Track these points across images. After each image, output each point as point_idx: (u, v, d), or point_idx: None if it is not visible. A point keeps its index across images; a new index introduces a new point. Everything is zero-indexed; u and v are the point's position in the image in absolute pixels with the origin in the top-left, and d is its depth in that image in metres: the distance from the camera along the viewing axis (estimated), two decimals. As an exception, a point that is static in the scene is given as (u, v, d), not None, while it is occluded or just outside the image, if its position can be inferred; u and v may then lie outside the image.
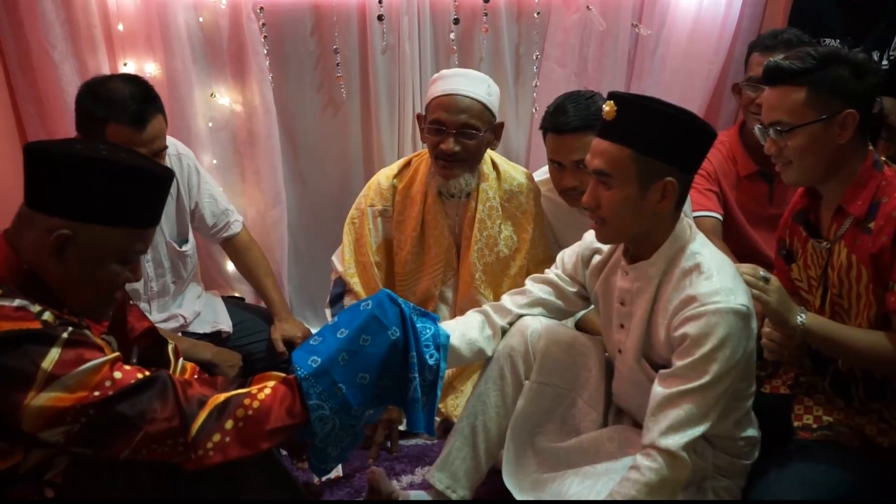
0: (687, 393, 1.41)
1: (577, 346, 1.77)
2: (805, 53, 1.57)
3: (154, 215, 1.35)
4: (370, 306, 1.50)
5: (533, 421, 1.75)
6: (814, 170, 1.62)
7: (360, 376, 1.43)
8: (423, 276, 2.20)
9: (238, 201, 2.61)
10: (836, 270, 1.65)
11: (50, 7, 2.21)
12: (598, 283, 1.70)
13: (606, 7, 2.57)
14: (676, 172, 1.47)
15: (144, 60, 2.38)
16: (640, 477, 1.41)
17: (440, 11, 2.52)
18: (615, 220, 1.52)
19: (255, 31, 2.41)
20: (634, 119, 1.45)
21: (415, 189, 2.14)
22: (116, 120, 1.80)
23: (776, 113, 1.61)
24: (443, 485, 1.74)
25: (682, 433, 1.41)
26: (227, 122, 2.55)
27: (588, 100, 2.02)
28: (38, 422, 1.18)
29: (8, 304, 1.20)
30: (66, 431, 1.20)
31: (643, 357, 1.59)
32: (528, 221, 2.18)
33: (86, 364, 1.21)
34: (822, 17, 2.45)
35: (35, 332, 1.19)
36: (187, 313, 2.25)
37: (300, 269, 2.80)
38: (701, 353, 1.41)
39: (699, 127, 1.49)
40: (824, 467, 1.59)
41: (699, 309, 1.42)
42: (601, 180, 1.50)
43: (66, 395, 1.19)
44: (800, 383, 1.80)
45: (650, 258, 1.54)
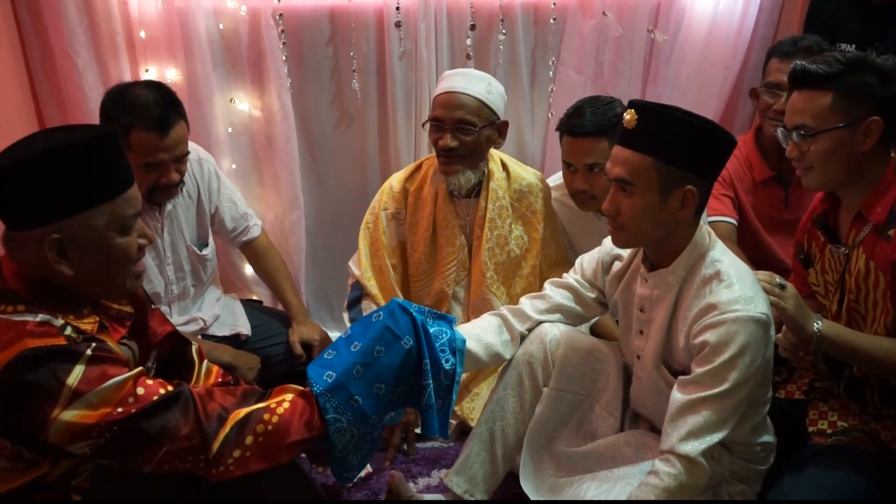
0: (706, 400, 1.43)
1: (596, 354, 1.78)
2: (833, 58, 1.57)
3: (124, 176, 1.31)
4: (382, 317, 1.52)
5: (550, 426, 1.76)
6: (835, 175, 1.62)
7: (376, 387, 1.45)
8: (436, 276, 2.23)
9: (257, 205, 2.64)
10: (854, 276, 1.65)
11: (74, 14, 2.24)
12: (619, 290, 1.72)
13: (622, 13, 2.58)
14: (697, 180, 1.48)
15: (166, 66, 2.41)
16: (658, 482, 1.43)
17: (457, 17, 2.54)
18: (634, 227, 1.53)
19: (274, 37, 2.43)
20: (655, 128, 1.46)
21: (426, 191, 2.17)
22: (140, 126, 1.84)
23: (801, 117, 1.61)
24: (461, 489, 1.76)
25: (700, 439, 1.42)
26: (247, 128, 2.58)
27: (606, 105, 2.04)
28: (64, 436, 1.21)
29: (31, 319, 1.23)
30: (91, 445, 1.23)
31: (662, 363, 1.60)
32: (539, 221, 2.21)
33: (109, 381, 1.23)
34: (838, 22, 2.46)
35: (60, 348, 1.22)
36: (207, 316, 2.28)
37: (317, 271, 2.83)
38: (721, 361, 1.42)
39: (719, 135, 1.49)
40: (839, 473, 1.60)
41: (719, 317, 1.44)
42: (622, 188, 1.51)
43: (91, 412, 1.21)
44: (815, 388, 1.82)
45: (670, 266, 1.55)
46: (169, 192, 1.99)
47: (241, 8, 2.41)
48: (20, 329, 1.21)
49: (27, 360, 1.19)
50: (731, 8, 2.61)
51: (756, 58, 2.70)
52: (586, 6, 2.57)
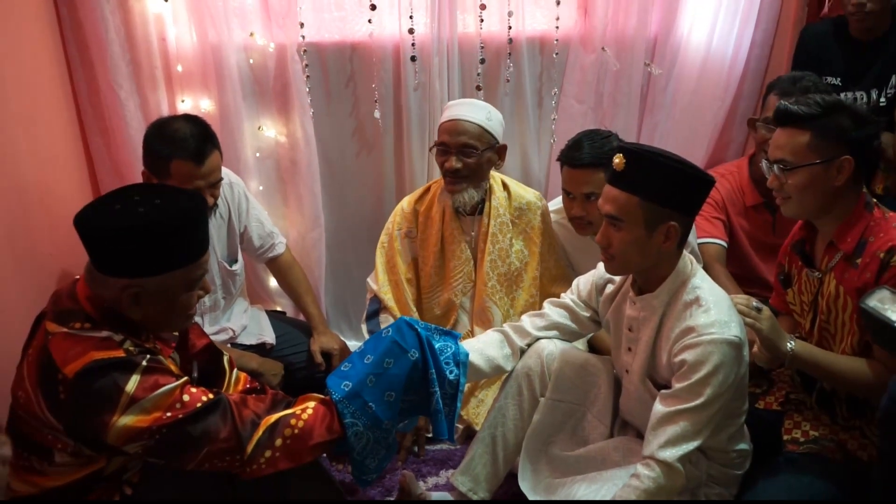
0: (684, 412, 1.55)
1: (589, 367, 1.91)
2: (813, 101, 1.69)
3: (201, 246, 1.46)
4: (391, 333, 1.68)
5: (547, 432, 1.89)
6: (810, 206, 1.74)
7: (387, 395, 1.61)
8: (445, 288, 2.37)
9: (281, 223, 2.75)
10: (826, 299, 1.77)
11: (118, 50, 2.36)
12: (610, 310, 1.84)
13: (622, 47, 2.70)
14: (679, 217, 1.60)
15: (200, 97, 2.53)
16: (639, 484, 1.56)
17: (468, 51, 2.65)
18: (623, 258, 1.66)
19: (299, 70, 2.55)
20: (641, 170, 1.58)
21: (434, 210, 2.34)
22: (179, 157, 1.97)
23: (781, 152, 1.73)
24: (465, 487, 1.90)
25: (678, 447, 1.55)
26: (272, 152, 2.69)
27: (604, 139, 2.16)
28: (121, 438, 1.36)
29: (96, 335, 1.38)
30: (143, 445, 1.38)
31: (648, 377, 1.73)
32: (537, 236, 2.36)
33: (161, 389, 1.38)
34: (825, 58, 2.57)
35: (119, 359, 1.36)
36: (235, 326, 2.40)
37: (337, 285, 2.92)
38: (697, 378, 1.54)
39: (699, 177, 1.61)
40: (809, 478, 1.72)
41: (697, 338, 1.56)
42: (612, 223, 1.63)
43: (144, 417, 1.36)
44: (790, 400, 1.93)
45: (655, 291, 1.68)
46: None
47: (269, 44, 2.54)
48: (87, 343, 1.37)
49: (93, 370, 1.34)
50: (725, 43, 2.73)
51: (748, 88, 2.81)
52: (587, 42, 2.69)
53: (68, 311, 1.42)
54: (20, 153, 2.04)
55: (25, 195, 2.06)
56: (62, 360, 1.35)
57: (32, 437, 1.41)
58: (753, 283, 2.49)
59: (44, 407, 1.37)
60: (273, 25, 2.53)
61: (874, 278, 1.66)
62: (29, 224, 2.06)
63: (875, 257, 1.67)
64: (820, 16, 2.75)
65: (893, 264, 1.64)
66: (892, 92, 2.53)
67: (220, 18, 2.45)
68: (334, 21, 2.61)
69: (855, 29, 2.52)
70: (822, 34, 2.61)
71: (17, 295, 1.92)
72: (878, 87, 2.54)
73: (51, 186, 2.24)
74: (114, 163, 2.51)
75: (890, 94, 2.54)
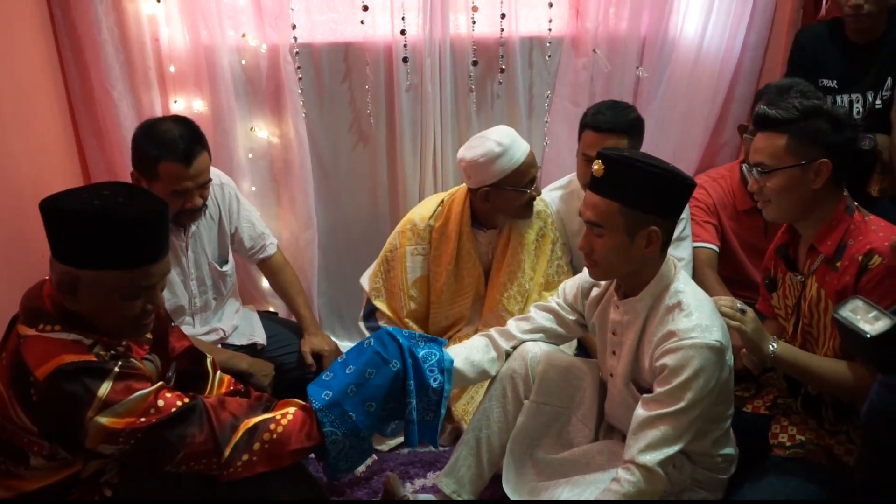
0: (664, 416, 1.55)
1: (573, 371, 1.92)
2: (791, 105, 1.70)
3: (146, 256, 1.41)
4: (372, 344, 1.70)
5: (532, 435, 1.89)
6: (789, 209, 1.76)
7: (367, 405, 1.63)
8: (456, 303, 2.40)
9: (273, 224, 2.77)
10: (808, 302, 1.78)
11: (111, 52, 2.37)
12: (596, 313, 1.84)
13: (614, 49, 2.71)
14: (660, 221, 1.60)
15: (192, 98, 2.54)
16: (619, 488, 1.56)
17: (460, 53, 2.65)
18: (606, 263, 1.66)
19: (291, 72, 2.56)
20: (620, 176, 1.58)
21: (450, 227, 2.33)
22: (167, 158, 1.98)
23: (760, 155, 1.74)
24: (449, 489, 1.91)
25: (658, 451, 1.55)
26: (265, 153, 2.70)
27: (625, 109, 2.27)
28: (96, 439, 1.36)
29: (66, 337, 1.38)
30: (118, 449, 1.39)
31: (631, 381, 1.73)
32: (547, 242, 2.40)
33: (134, 394, 1.38)
34: (821, 60, 2.56)
35: (91, 364, 1.36)
36: (226, 327, 2.40)
37: (329, 286, 2.93)
38: (677, 382, 1.54)
39: (678, 180, 1.60)
40: (794, 481, 1.72)
41: (678, 343, 1.56)
42: (593, 229, 1.63)
43: (118, 420, 1.36)
44: (777, 404, 1.93)
45: (638, 295, 1.68)
46: (193, 215, 2.13)
47: (261, 45, 2.55)
48: (56, 346, 1.37)
49: (64, 372, 1.34)
50: (717, 45, 2.73)
51: (742, 91, 2.80)
52: (579, 43, 2.69)
53: (36, 310, 1.42)
54: (14, 154, 2.06)
55: (19, 196, 2.07)
56: (33, 363, 1.35)
57: (8, 440, 1.41)
58: (745, 286, 2.48)
59: (18, 409, 1.37)
60: (265, 26, 2.53)
61: (853, 281, 1.66)
62: (23, 225, 2.07)
63: (854, 260, 1.67)
64: (816, 18, 2.74)
65: (871, 267, 1.65)
66: (888, 94, 2.52)
67: (212, 19, 2.46)
68: (327, 22, 2.62)
69: (851, 31, 2.51)
70: (818, 36, 2.60)
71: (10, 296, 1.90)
72: (875, 89, 2.53)
73: (45, 187, 2.22)
74: (107, 163, 2.53)
75: (886, 97, 2.52)
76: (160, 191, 2.01)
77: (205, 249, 2.30)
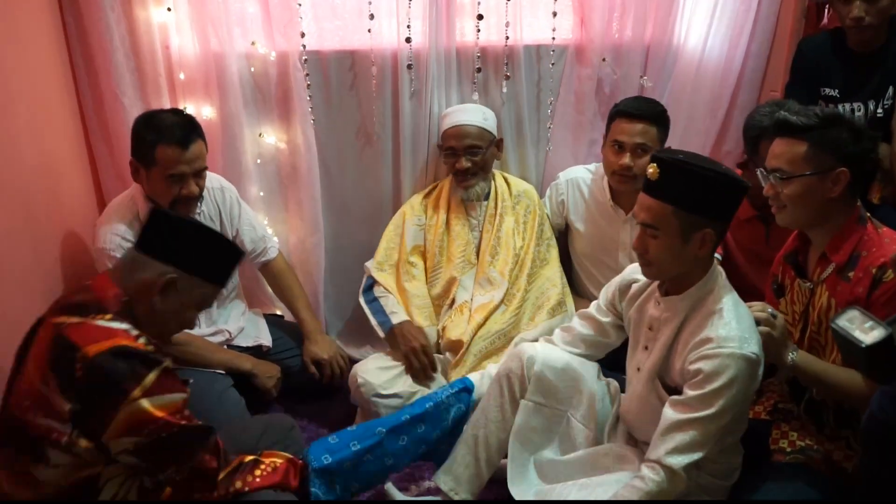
0: (694, 421, 1.58)
1: (569, 372, 1.94)
2: (812, 112, 1.71)
3: (227, 279, 1.65)
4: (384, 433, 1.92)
5: (532, 437, 1.92)
6: (804, 216, 1.77)
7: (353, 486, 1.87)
8: (447, 267, 2.56)
9: (281, 228, 2.81)
10: (817, 310, 1.79)
11: (122, 59, 2.41)
12: (634, 308, 1.87)
13: (618, 58, 2.72)
14: (714, 223, 1.63)
15: (202, 104, 2.56)
16: (643, 486, 1.59)
17: (465, 61, 2.68)
18: (660, 264, 1.69)
19: (300, 78, 2.58)
20: (675, 180, 1.61)
21: (441, 200, 2.62)
22: (164, 141, 2.06)
23: (778, 161, 1.75)
24: (447, 486, 1.94)
25: (685, 455, 1.58)
26: (273, 159, 2.73)
27: (654, 102, 2.44)
28: (126, 424, 1.38)
29: (117, 326, 1.44)
30: (136, 442, 1.40)
31: (657, 377, 1.76)
32: (533, 220, 2.60)
33: (175, 393, 1.44)
34: (823, 70, 2.56)
35: (144, 353, 1.42)
36: (232, 328, 2.45)
37: (336, 289, 2.93)
38: (711, 388, 1.56)
39: (732, 182, 1.63)
40: (793, 487, 1.74)
41: (716, 350, 1.58)
42: (647, 231, 1.66)
43: (155, 410, 1.40)
44: (778, 409, 1.95)
45: (681, 294, 1.70)
46: (189, 204, 2.17)
47: (270, 53, 2.58)
48: (110, 331, 1.42)
49: (118, 353, 1.39)
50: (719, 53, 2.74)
51: (744, 100, 2.82)
52: (583, 52, 2.71)
53: (82, 304, 1.47)
54: (26, 160, 2.09)
55: (31, 202, 2.11)
56: (83, 341, 1.39)
57: (30, 436, 1.41)
58: (747, 294, 2.42)
59: (55, 392, 1.38)
60: (275, 34, 2.56)
61: (866, 293, 1.67)
62: (33, 230, 2.10)
63: (868, 272, 1.68)
64: (818, 28, 2.75)
65: (885, 281, 1.66)
66: (889, 103, 2.54)
67: (222, 27, 2.49)
68: (334, 30, 2.64)
69: (853, 41, 2.52)
70: (819, 46, 2.61)
71: (22, 300, 1.96)
72: (876, 98, 2.54)
73: (56, 193, 2.29)
74: (117, 169, 2.56)
75: (887, 106, 2.54)
76: (157, 176, 2.10)
77: None
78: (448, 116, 2.57)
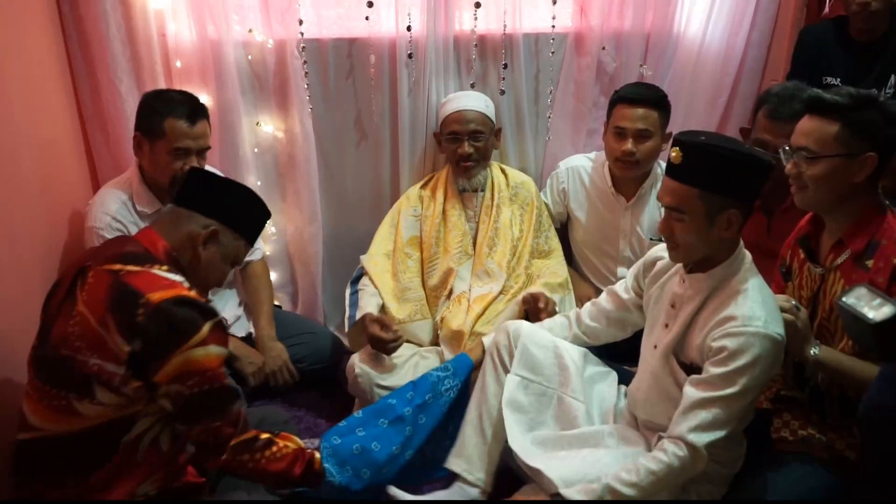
0: (717, 399, 1.58)
1: (555, 350, 1.97)
2: (847, 92, 1.66)
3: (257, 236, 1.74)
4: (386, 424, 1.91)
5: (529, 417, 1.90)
6: (825, 199, 1.72)
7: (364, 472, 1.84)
8: (443, 257, 2.54)
9: (278, 218, 2.80)
10: (829, 297, 1.76)
11: (118, 46, 2.39)
12: (657, 285, 1.87)
13: (618, 46, 2.72)
14: (739, 203, 1.62)
15: (199, 92, 2.46)
16: (665, 458, 1.59)
17: (464, 49, 2.67)
18: (686, 246, 1.68)
19: (298, 67, 2.57)
20: (699, 162, 1.60)
21: (438, 191, 2.60)
22: (174, 115, 2.11)
23: (806, 140, 1.69)
24: (460, 468, 1.93)
25: (708, 433, 1.58)
26: (271, 148, 2.72)
27: (654, 87, 2.41)
28: (178, 369, 1.43)
29: (174, 278, 1.50)
30: (178, 391, 1.46)
31: (673, 354, 1.75)
32: (531, 211, 2.59)
33: (220, 346, 1.50)
34: (825, 58, 2.57)
35: (202, 304, 1.48)
36: (229, 316, 2.45)
37: (334, 279, 2.92)
38: (735, 366, 1.56)
39: (755, 161, 1.61)
40: (795, 476, 1.73)
41: (741, 328, 1.57)
42: (673, 214, 1.66)
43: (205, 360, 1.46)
44: (781, 397, 1.93)
45: (708, 272, 1.70)
46: None
47: (268, 41, 2.57)
48: (170, 282, 1.48)
49: (181, 301, 1.45)
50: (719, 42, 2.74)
51: (745, 89, 2.82)
52: (583, 41, 2.71)
53: (136, 254, 1.52)
54: (21, 147, 2.08)
55: (26, 188, 2.09)
56: (146, 289, 1.44)
57: (78, 371, 1.44)
58: None
59: (114, 333, 1.42)
60: (272, 22, 2.55)
61: (886, 283, 1.64)
62: (29, 217, 2.09)
63: (889, 262, 1.65)
64: (820, 16, 2.75)
65: None
66: (891, 91, 2.54)
67: (219, 15, 2.48)
68: (333, 18, 2.63)
69: (856, 30, 2.53)
70: (821, 35, 2.61)
71: (16, 286, 1.95)
72: (878, 87, 2.54)
73: (51, 180, 2.28)
74: (113, 157, 2.55)
75: (889, 94, 2.54)
76: (162, 149, 2.13)
77: None
78: (450, 102, 2.56)
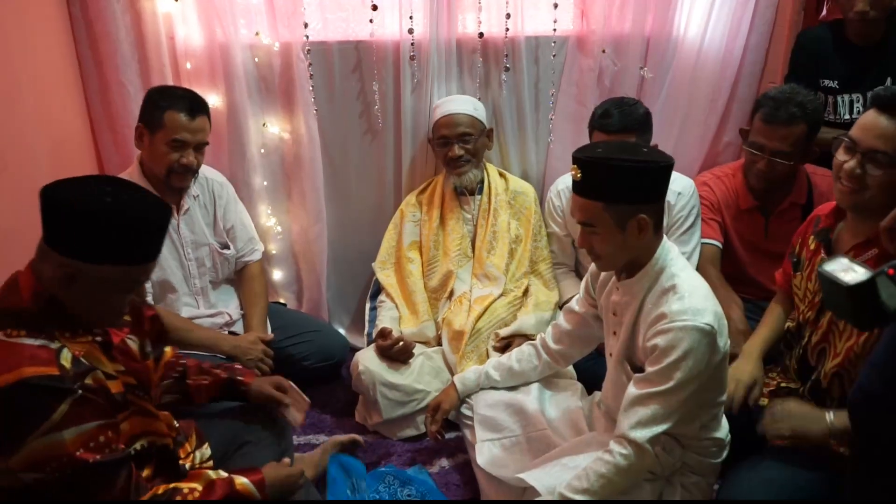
0: (654, 395, 1.61)
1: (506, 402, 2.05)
2: None
3: (148, 253, 1.41)
4: None
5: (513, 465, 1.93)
6: (882, 203, 1.62)
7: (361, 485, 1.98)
8: (443, 260, 2.59)
9: (284, 218, 2.83)
10: None
11: (128, 49, 2.44)
12: (603, 296, 1.90)
13: (618, 49, 2.75)
14: (645, 207, 1.62)
15: (207, 94, 2.52)
16: (611, 459, 1.63)
17: (466, 52, 2.70)
18: (606, 257, 1.71)
19: (304, 69, 2.61)
20: (597, 176, 1.61)
21: (436, 195, 2.66)
22: (174, 108, 2.15)
23: (881, 142, 1.60)
24: None
25: (648, 429, 1.60)
26: (277, 149, 2.75)
27: (631, 107, 2.30)
28: (28, 460, 1.26)
29: (31, 342, 1.30)
30: (41, 478, 1.27)
31: (625, 360, 1.78)
32: (530, 217, 2.64)
33: (86, 424, 1.31)
34: (822, 62, 2.58)
35: (52, 381, 1.28)
36: (233, 313, 2.48)
37: (338, 278, 2.98)
38: (667, 362, 1.59)
39: (652, 166, 1.60)
40: (790, 470, 1.74)
41: (668, 325, 1.60)
42: (586, 229, 1.69)
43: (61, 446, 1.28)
44: (780, 389, 1.95)
45: (635, 277, 1.73)
46: (184, 175, 2.22)
47: (274, 44, 2.60)
48: (21, 355, 1.29)
49: (23, 388, 1.26)
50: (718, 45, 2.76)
51: (743, 92, 2.84)
52: (584, 43, 2.73)
53: (5, 311, 1.36)
54: (32, 149, 2.11)
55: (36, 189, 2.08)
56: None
57: None
58: (745, 283, 2.53)
59: None
60: (278, 25, 2.58)
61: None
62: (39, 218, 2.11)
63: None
64: (818, 20, 2.76)
65: None
66: (887, 95, 2.54)
67: (227, 18, 2.51)
68: (337, 21, 2.66)
69: (852, 33, 2.54)
70: (819, 38, 2.62)
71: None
72: (875, 89, 2.55)
73: (61, 179, 2.30)
74: (122, 158, 2.58)
75: (886, 97, 2.54)
76: (160, 140, 2.16)
77: (203, 231, 2.39)
78: (439, 107, 2.62)
